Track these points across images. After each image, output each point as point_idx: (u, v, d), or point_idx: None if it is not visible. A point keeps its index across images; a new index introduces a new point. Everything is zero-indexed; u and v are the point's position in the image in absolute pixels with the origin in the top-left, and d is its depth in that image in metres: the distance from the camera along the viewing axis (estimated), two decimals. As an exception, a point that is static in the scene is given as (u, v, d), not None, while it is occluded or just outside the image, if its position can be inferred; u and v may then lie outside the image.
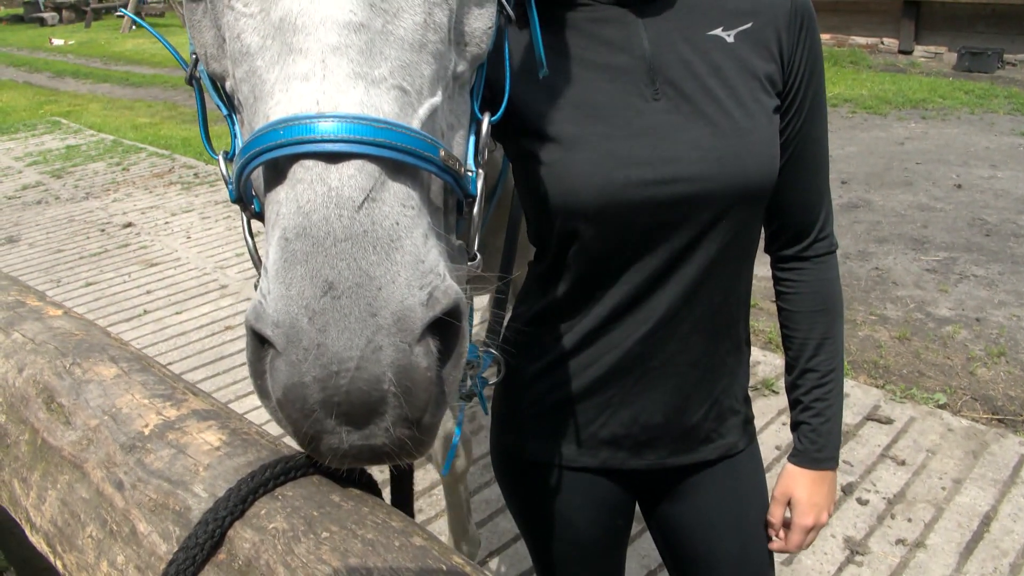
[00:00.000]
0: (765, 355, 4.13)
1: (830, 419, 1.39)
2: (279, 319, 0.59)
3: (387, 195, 0.61)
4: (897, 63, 13.88)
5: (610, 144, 1.12)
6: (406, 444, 0.61)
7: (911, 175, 7.28)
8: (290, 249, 0.59)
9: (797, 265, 1.36)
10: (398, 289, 0.59)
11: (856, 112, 10.00)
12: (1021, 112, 9.95)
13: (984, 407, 3.74)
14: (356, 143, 0.60)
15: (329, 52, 0.62)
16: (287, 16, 0.63)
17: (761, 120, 1.18)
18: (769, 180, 1.19)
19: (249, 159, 0.63)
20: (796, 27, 1.19)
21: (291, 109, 0.61)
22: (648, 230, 1.17)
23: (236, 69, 0.69)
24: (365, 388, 0.58)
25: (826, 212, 1.35)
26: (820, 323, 1.37)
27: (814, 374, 1.38)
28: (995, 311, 4.67)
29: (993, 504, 3.06)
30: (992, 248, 5.58)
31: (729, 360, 1.37)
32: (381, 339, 0.58)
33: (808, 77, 1.22)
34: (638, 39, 1.15)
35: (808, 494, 1.40)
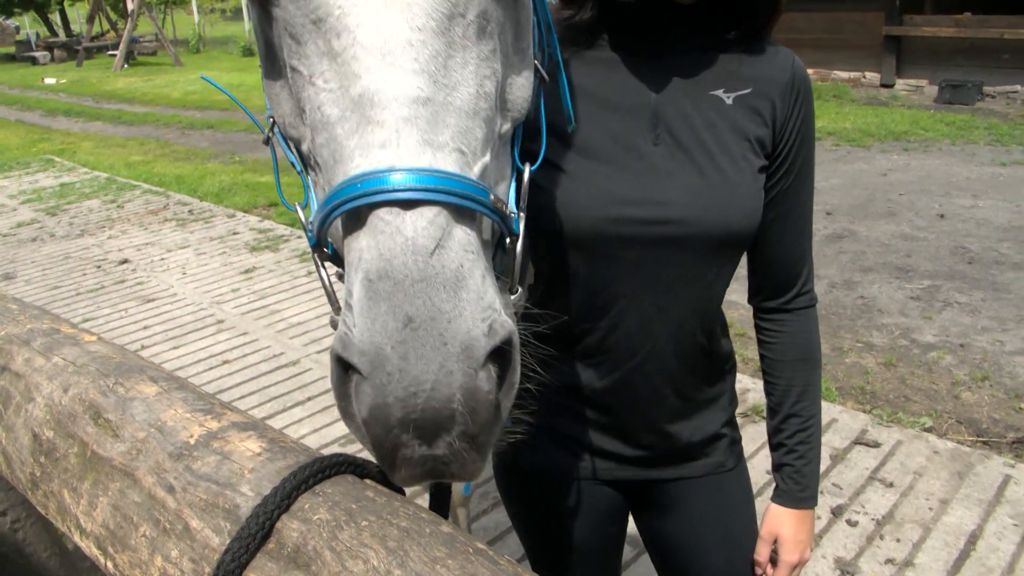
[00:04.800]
0: (755, 383, 4.21)
1: (811, 461, 1.47)
2: (365, 348, 0.69)
3: (452, 243, 0.71)
4: (879, 96, 14.14)
5: (611, 182, 1.22)
6: (463, 458, 0.71)
7: (894, 206, 7.44)
8: (374, 289, 0.69)
9: (780, 317, 1.45)
10: (464, 322, 0.69)
11: (840, 145, 10.20)
12: (1001, 143, 10.16)
13: (969, 430, 3.83)
14: (424, 191, 0.70)
15: (402, 123, 0.72)
16: (365, 93, 0.73)
17: (747, 176, 1.27)
18: (749, 230, 1.29)
19: (333, 208, 0.73)
20: (792, 99, 1.29)
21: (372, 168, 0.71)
22: (636, 265, 1.27)
23: (316, 136, 0.78)
24: (438, 407, 0.68)
25: (808, 268, 1.44)
26: (802, 371, 1.45)
27: (797, 419, 1.46)
28: (978, 337, 4.78)
29: (979, 523, 3.13)
30: (975, 276, 5.71)
31: (711, 389, 1.46)
32: (452, 365, 0.68)
33: (798, 145, 1.31)
34: (645, 87, 1.25)
35: (793, 532, 1.47)
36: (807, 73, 1.33)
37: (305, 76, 0.78)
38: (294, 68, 0.80)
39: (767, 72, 1.29)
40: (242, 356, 5.01)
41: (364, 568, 0.64)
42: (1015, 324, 4.94)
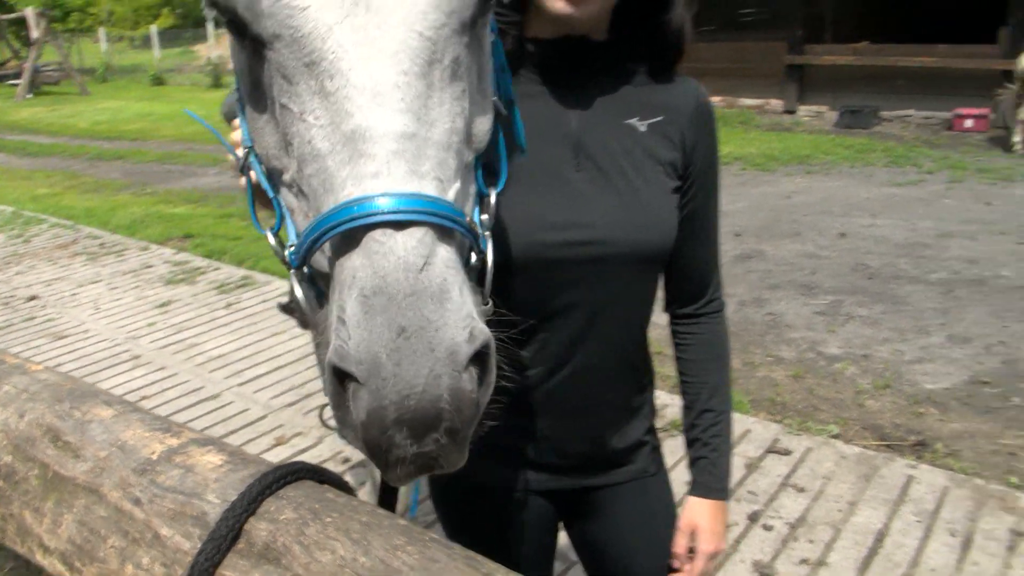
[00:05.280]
0: (673, 399, 4.36)
1: (724, 454, 1.59)
2: (362, 357, 0.76)
3: (437, 260, 0.80)
4: (783, 122, 14.75)
5: (539, 209, 1.32)
6: (449, 451, 0.80)
7: (799, 226, 7.80)
8: (369, 303, 0.77)
9: (693, 322, 1.58)
10: (449, 330, 0.78)
11: (747, 169, 10.61)
12: (897, 164, 10.73)
13: (873, 435, 4.06)
14: (413, 213, 0.79)
15: (392, 156, 0.81)
16: (358, 129, 0.81)
17: (662, 197, 1.40)
18: (666, 246, 1.41)
19: (328, 229, 0.81)
20: (699, 125, 1.43)
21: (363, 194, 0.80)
22: (566, 285, 1.37)
23: (305, 167, 0.86)
24: (428, 406, 0.76)
25: (717, 278, 1.58)
26: (714, 370, 1.58)
27: (711, 414, 1.58)
28: (880, 347, 5.06)
29: (885, 522, 3.33)
30: (875, 290, 6.04)
31: (636, 399, 1.57)
32: (440, 369, 0.77)
33: (706, 167, 1.45)
34: (568, 117, 1.36)
35: (710, 522, 1.58)
36: (711, 101, 1.47)
37: (296, 113, 0.86)
38: (284, 105, 0.88)
39: (676, 101, 1.42)
40: (160, 392, 4.93)
41: (332, 558, 0.71)
42: (913, 334, 5.25)
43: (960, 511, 3.39)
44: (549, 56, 1.34)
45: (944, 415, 4.25)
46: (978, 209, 8.34)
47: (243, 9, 0.87)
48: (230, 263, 7.37)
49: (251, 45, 0.90)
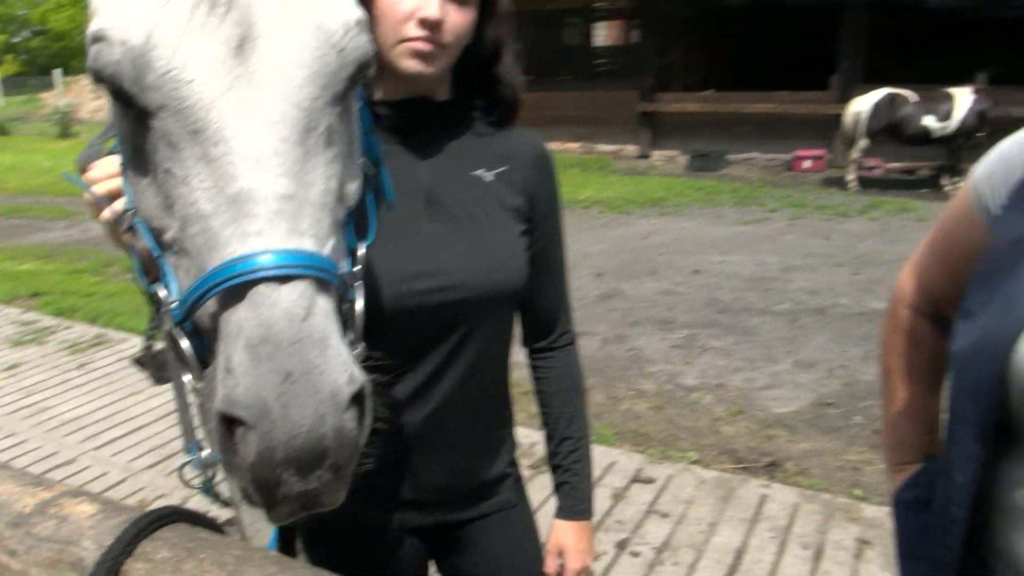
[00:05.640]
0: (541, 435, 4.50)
1: (585, 477, 1.71)
2: (250, 402, 0.82)
3: (317, 310, 0.87)
4: (638, 167, 15.42)
5: (398, 261, 1.40)
6: (331, 487, 0.87)
7: (655, 265, 8.18)
8: (256, 351, 0.82)
9: (548, 355, 1.70)
10: (331, 374, 0.85)
11: (605, 212, 11.04)
12: (743, 204, 11.40)
13: (729, 459, 4.31)
14: (294, 267, 0.86)
15: (273, 215, 0.88)
16: (242, 191, 0.88)
17: (512, 241, 1.52)
18: (518, 286, 1.52)
19: (215, 285, 0.86)
20: (540, 171, 1.56)
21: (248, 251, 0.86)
22: (430, 329, 1.46)
23: (188, 226, 0.92)
24: (314, 445, 0.83)
25: (568, 312, 1.71)
26: (571, 400, 1.70)
27: (570, 440, 1.70)
28: (733, 376, 5.37)
29: (743, 540, 3.54)
30: (727, 323, 6.40)
31: (499, 432, 1.67)
32: (324, 409, 0.83)
33: (548, 210, 1.58)
34: (419, 172, 1.46)
35: (575, 541, 1.69)
36: (549, 149, 1.61)
37: (179, 177, 0.92)
38: (168, 170, 0.93)
39: (517, 151, 1.55)
40: (12, 459, 4.66)
41: (208, 589, 0.77)
42: (763, 363, 5.60)
43: (811, 525, 3.64)
44: (399, 117, 1.43)
45: (793, 436, 4.55)
46: (818, 243, 8.99)
47: (130, 83, 0.93)
48: (82, 321, 7.05)
49: (136, 115, 0.95)
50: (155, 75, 0.91)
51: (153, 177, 0.97)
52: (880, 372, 1.49)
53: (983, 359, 1.06)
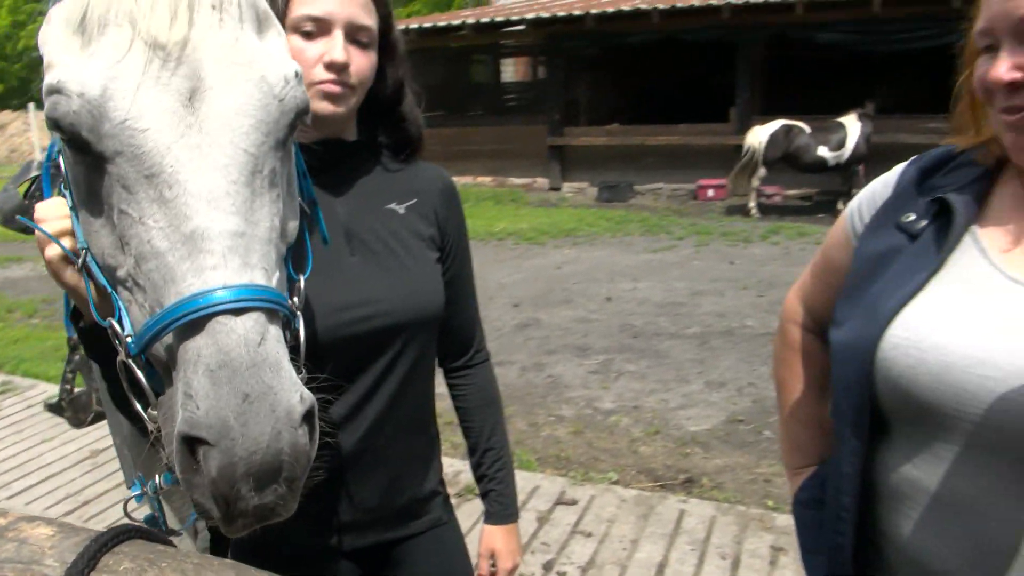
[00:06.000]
0: (465, 464, 4.55)
1: (509, 484, 1.80)
2: (212, 423, 0.87)
3: (270, 337, 0.94)
4: (549, 199, 15.69)
5: (327, 296, 1.47)
6: (285, 500, 0.93)
7: (570, 293, 8.36)
8: (216, 376, 0.89)
9: (465, 372, 1.80)
10: (285, 394, 0.92)
11: (519, 244, 11.21)
12: (652, 232, 11.74)
13: (648, 477, 4.44)
14: (249, 300, 0.93)
15: (227, 251, 0.94)
16: (197, 229, 0.94)
17: (428, 268, 1.62)
18: (438, 309, 1.62)
19: (176, 319, 0.92)
20: (447, 202, 1.67)
21: (205, 287, 0.92)
22: (360, 355, 1.53)
23: (144, 263, 0.97)
24: (272, 460, 0.89)
25: (480, 332, 1.82)
26: (490, 413, 1.81)
27: (493, 451, 1.79)
28: (648, 398, 5.54)
29: (664, 554, 3.66)
30: (640, 347, 6.59)
31: (426, 452, 1.74)
32: (280, 427, 0.90)
33: (457, 236, 1.70)
34: (335, 210, 1.54)
35: (505, 544, 1.78)
36: (453, 181, 1.73)
37: (135, 217, 0.97)
38: (123, 211, 0.99)
39: (425, 185, 1.66)
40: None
41: (171, 591, 0.82)
42: (676, 384, 5.79)
43: (727, 536, 3.79)
44: (314, 158, 1.51)
45: (707, 453, 4.72)
46: (723, 268, 9.34)
47: (87, 131, 0.98)
48: (-14, 370, 6.80)
49: (91, 160, 1.01)
50: (112, 124, 0.97)
51: (107, 217, 1.03)
52: (775, 385, 1.63)
53: (852, 361, 1.20)
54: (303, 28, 1.43)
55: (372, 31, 1.49)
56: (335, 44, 1.43)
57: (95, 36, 1.01)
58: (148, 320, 0.98)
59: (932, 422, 1.13)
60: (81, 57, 1.00)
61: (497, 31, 17.49)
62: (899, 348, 1.14)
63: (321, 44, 1.43)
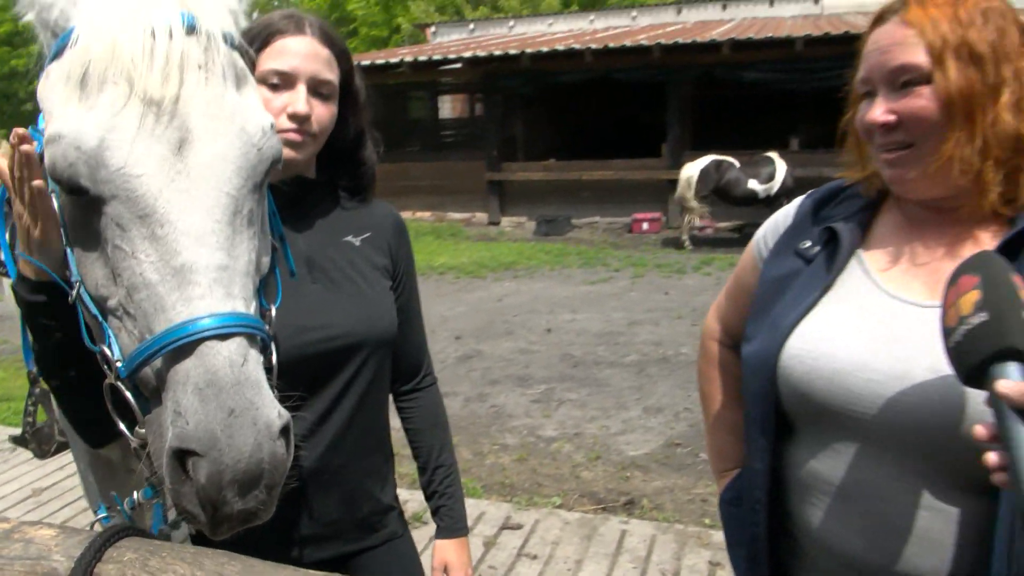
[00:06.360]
0: (412, 494, 4.64)
1: (458, 499, 1.93)
2: (201, 435, 0.99)
3: (251, 358, 1.06)
4: (489, 233, 15.88)
5: (291, 318, 1.60)
6: (266, 504, 1.05)
7: (511, 325, 8.52)
8: (204, 394, 1.00)
9: (415, 395, 1.93)
10: (266, 410, 1.04)
11: (460, 277, 11.36)
12: (589, 265, 11.99)
13: (590, 500, 4.59)
14: (233, 326, 1.05)
15: (213, 283, 1.06)
16: (186, 263, 1.06)
17: (382, 295, 1.76)
18: (392, 332, 1.76)
19: (168, 343, 1.03)
20: (397, 235, 1.83)
21: (194, 315, 1.04)
22: (321, 374, 1.66)
23: (135, 293, 1.08)
24: (254, 468, 1.01)
25: (428, 357, 1.96)
26: (438, 433, 1.94)
27: (443, 468, 1.92)
28: (589, 425, 5.70)
29: (607, 573, 3.79)
30: (580, 376, 6.77)
31: (382, 468, 1.87)
32: (261, 439, 1.02)
33: (407, 267, 1.85)
34: (298, 242, 1.67)
35: (457, 556, 1.90)
36: (402, 217, 1.90)
37: (128, 252, 1.09)
38: (117, 246, 1.10)
39: (378, 220, 1.81)
40: None
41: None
42: (615, 410, 5.97)
43: (667, 553, 3.94)
44: (277, 197, 1.65)
45: (647, 476, 4.90)
46: (659, 298, 9.62)
47: (85, 178, 1.10)
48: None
49: (87, 202, 1.12)
50: (108, 171, 1.10)
51: (101, 252, 1.15)
52: (700, 397, 1.81)
53: (758, 371, 1.38)
54: (270, 81, 1.58)
55: (333, 85, 1.64)
56: (298, 97, 1.57)
57: (94, 92, 1.13)
58: (140, 345, 1.09)
59: (829, 421, 1.31)
60: (80, 110, 1.13)
61: (435, 69, 17.77)
62: (796, 358, 1.32)
63: (286, 96, 1.58)
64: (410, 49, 21.12)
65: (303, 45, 1.61)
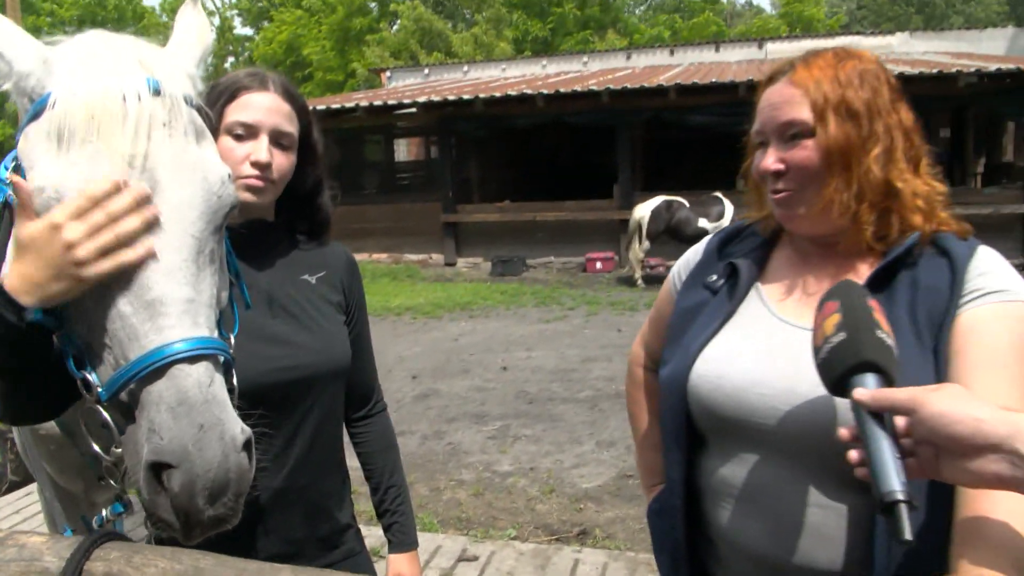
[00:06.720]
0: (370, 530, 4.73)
1: (409, 516, 2.08)
2: (175, 448, 1.11)
3: (217, 379, 1.19)
4: (445, 274, 16.03)
5: (253, 348, 1.74)
6: (232, 510, 1.17)
7: (467, 364, 8.65)
8: (176, 412, 1.13)
9: (367, 421, 2.09)
10: (231, 425, 1.17)
11: (417, 318, 11.47)
12: (544, 304, 12.19)
13: (544, 532, 4.72)
14: (201, 350, 1.18)
15: (181, 313, 1.20)
16: (157, 297, 1.19)
17: (337, 328, 1.92)
18: (347, 362, 1.91)
19: (146, 367, 1.15)
20: (350, 273, 2.00)
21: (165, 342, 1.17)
22: (284, 401, 1.80)
23: (110, 324, 1.21)
24: (223, 476, 1.13)
25: (378, 385, 2.13)
26: (390, 455, 2.09)
27: (394, 488, 2.07)
28: (543, 459, 5.85)
29: (559, 601, 3.93)
30: (535, 412, 6.92)
31: (340, 489, 2.01)
32: (227, 451, 1.14)
33: (359, 302, 2.02)
34: (258, 280, 1.82)
35: (410, 568, 2.04)
36: (353, 256, 2.06)
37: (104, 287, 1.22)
38: None
39: (332, 260, 1.98)
40: None
41: (156, 570, 1.08)
42: (569, 445, 6.12)
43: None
44: (237, 238, 1.76)
45: (600, 507, 5.05)
46: (612, 335, 9.83)
47: None
48: None
49: None
50: None
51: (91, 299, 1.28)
52: (629, 418, 1.98)
53: (672, 391, 1.56)
54: (235, 131, 1.74)
55: (293, 136, 1.81)
56: (260, 147, 1.74)
57: (73, 148, 1.27)
58: (118, 371, 1.22)
59: (732, 433, 1.49)
60: (60, 164, 1.26)
61: (390, 113, 18.04)
62: (702, 378, 1.51)
63: (249, 145, 1.74)
64: (365, 94, 21.41)
65: (266, 100, 1.78)
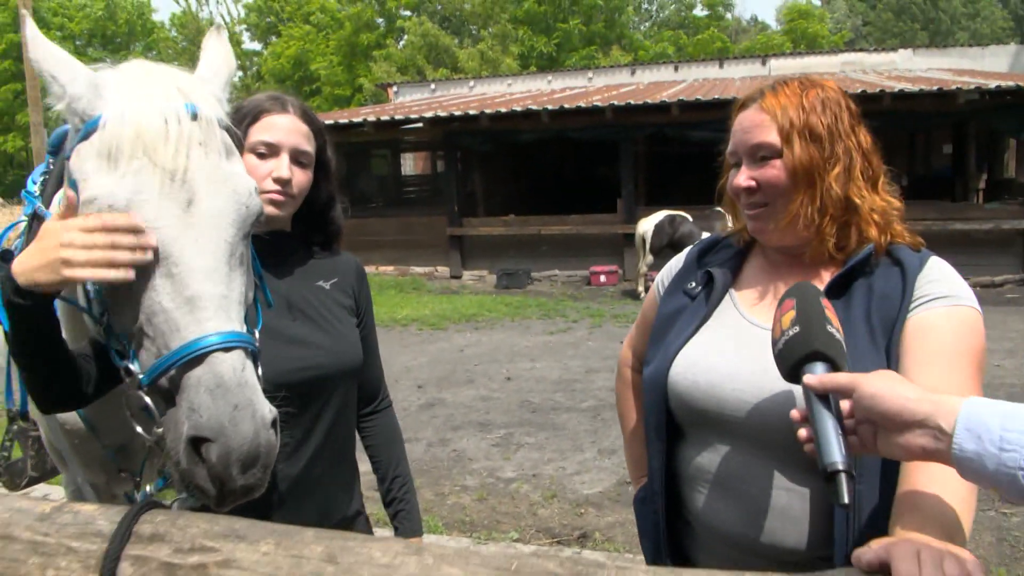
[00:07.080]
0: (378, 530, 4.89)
1: (414, 504, 2.23)
2: (213, 424, 1.27)
3: (248, 366, 1.34)
4: (451, 286, 16.19)
5: (275, 349, 1.90)
6: (261, 480, 1.33)
7: (472, 374, 8.81)
8: (214, 393, 1.28)
9: (374, 416, 2.25)
10: (261, 406, 1.32)
11: (423, 329, 11.63)
12: (548, 316, 12.33)
13: (546, 535, 4.87)
14: (235, 342, 1.34)
15: (217, 309, 1.36)
16: (196, 294, 1.35)
17: (350, 330, 2.08)
18: (359, 362, 2.08)
19: (186, 355, 1.31)
20: (359, 280, 2.17)
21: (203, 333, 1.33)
22: (303, 398, 1.95)
23: (153, 317, 1.36)
24: (254, 450, 1.29)
25: (384, 382, 2.28)
26: (395, 447, 2.25)
27: (400, 478, 2.22)
28: (546, 466, 5.99)
29: (558, 599, 4.07)
30: (538, 421, 7.07)
31: (351, 479, 2.16)
32: (258, 428, 1.30)
33: (367, 306, 2.19)
34: (278, 285, 1.99)
35: None
36: (362, 264, 2.23)
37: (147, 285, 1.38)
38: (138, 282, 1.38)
39: (343, 268, 2.15)
40: None
41: (197, 530, 1.24)
42: (571, 453, 6.27)
43: (615, 582, 4.23)
44: (260, 246, 1.91)
45: (600, 512, 5.19)
46: (615, 347, 9.94)
47: None
48: None
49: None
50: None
51: (126, 287, 1.43)
52: (618, 416, 2.14)
53: (654, 388, 1.72)
54: (258, 150, 1.91)
55: (311, 155, 1.98)
56: (282, 164, 1.91)
57: (122, 164, 1.44)
58: (160, 359, 1.38)
59: (707, 425, 1.65)
60: (110, 178, 1.43)
61: (397, 128, 18.26)
62: (680, 375, 1.67)
63: (271, 163, 1.91)
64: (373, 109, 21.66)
65: (286, 121, 1.95)
